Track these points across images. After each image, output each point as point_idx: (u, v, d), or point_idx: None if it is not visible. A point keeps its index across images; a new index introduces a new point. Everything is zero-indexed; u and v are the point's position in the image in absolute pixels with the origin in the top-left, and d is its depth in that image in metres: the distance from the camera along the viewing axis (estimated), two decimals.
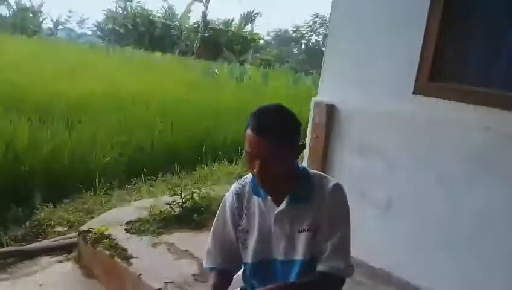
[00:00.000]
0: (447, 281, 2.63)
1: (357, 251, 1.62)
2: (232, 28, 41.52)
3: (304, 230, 1.57)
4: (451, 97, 2.65)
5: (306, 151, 3.27)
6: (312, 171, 1.67)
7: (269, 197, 1.61)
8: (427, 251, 2.73)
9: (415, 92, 2.77)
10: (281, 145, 1.46)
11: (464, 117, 2.59)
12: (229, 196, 1.71)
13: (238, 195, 1.68)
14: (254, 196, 1.65)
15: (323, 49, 3.38)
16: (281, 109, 1.52)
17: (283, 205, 1.58)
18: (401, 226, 2.83)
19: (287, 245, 1.60)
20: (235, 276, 1.76)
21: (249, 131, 1.47)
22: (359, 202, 2.90)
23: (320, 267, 1.55)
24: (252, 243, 1.65)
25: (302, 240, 1.58)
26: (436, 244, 2.69)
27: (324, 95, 3.24)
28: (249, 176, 1.68)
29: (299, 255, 1.58)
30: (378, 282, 2.79)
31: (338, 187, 1.59)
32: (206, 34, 37.80)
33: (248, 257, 1.66)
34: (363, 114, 3.02)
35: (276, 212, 1.59)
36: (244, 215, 1.66)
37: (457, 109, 2.62)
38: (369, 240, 2.86)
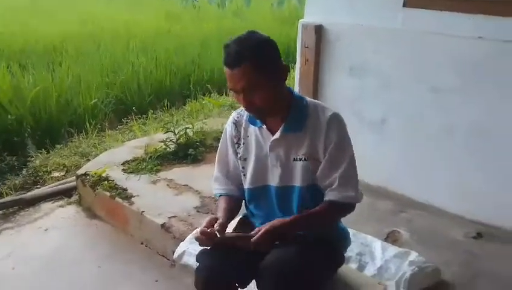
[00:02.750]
0: (445, 193, 2.70)
1: None
2: None
3: (299, 159, 1.59)
4: (443, 7, 2.57)
5: (297, 76, 3.21)
6: (309, 99, 1.65)
7: (264, 126, 1.62)
8: (423, 164, 2.76)
9: (406, 4, 2.68)
10: (256, 72, 1.44)
11: (456, 27, 2.52)
12: (228, 125, 1.74)
13: (236, 124, 1.71)
14: (251, 125, 1.67)
15: None
16: (250, 35, 1.49)
17: (277, 134, 1.59)
18: (397, 141, 2.86)
19: (283, 173, 1.62)
20: None
21: (224, 67, 1.46)
22: (353, 121, 2.87)
23: (331, 197, 1.57)
24: (250, 170, 1.68)
25: (298, 168, 1.59)
26: (433, 156, 2.72)
27: (311, 16, 3.11)
28: None
29: (296, 181, 1.61)
30: (376, 198, 2.85)
31: (336, 116, 1.58)
32: None
33: (246, 183, 1.70)
34: (352, 33, 2.93)
35: (271, 140, 1.60)
36: (242, 144, 1.69)
37: (449, 19, 2.54)
38: (364, 158, 2.85)
